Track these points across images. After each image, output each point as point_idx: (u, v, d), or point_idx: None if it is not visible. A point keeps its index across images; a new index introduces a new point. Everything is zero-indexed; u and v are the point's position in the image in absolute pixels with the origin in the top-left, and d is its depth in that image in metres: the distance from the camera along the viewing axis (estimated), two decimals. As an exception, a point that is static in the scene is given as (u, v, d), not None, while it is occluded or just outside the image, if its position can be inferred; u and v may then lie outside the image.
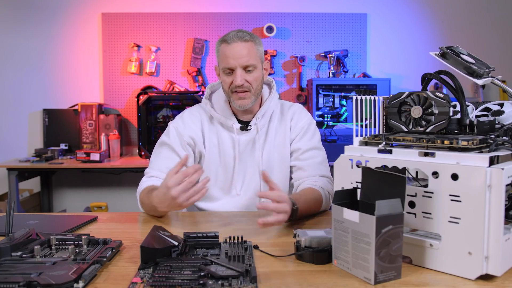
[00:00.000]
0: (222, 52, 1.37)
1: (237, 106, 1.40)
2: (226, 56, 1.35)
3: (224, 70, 1.38)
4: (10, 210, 1.04)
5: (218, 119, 1.45)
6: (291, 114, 1.51)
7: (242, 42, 1.35)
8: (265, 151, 1.47)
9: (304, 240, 0.90)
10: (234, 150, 1.45)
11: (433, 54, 1.00)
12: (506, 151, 0.85)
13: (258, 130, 1.46)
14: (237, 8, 3.53)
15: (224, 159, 1.46)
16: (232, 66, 1.35)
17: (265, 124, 1.48)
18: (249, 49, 1.36)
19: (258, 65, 1.39)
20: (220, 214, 1.37)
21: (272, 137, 1.48)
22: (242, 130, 1.45)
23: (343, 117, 3.33)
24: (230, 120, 1.44)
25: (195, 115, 1.49)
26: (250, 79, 1.37)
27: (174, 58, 3.52)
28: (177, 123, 1.47)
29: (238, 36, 1.35)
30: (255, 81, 1.38)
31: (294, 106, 1.54)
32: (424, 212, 0.84)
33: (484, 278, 0.78)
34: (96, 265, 0.84)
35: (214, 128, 1.47)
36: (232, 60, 1.34)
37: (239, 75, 1.35)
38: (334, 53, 3.44)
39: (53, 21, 3.48)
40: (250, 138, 1.46)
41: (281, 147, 1.48)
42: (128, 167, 3.21)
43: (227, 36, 1.37)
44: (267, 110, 1.48)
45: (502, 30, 3.63)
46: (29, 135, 3.53)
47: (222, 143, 1.45)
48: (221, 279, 0.77)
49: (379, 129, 1.02)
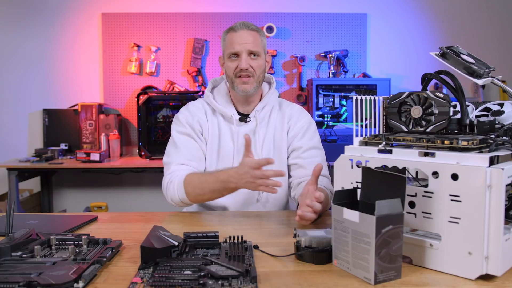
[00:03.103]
0: (229, 39, 1.44)
1: (240, 91, 1.44)
2: (232, 42, 1.43)
3: (229, 56, 1.44)
4: (10, 210, 1.04)
5: (219, 110, 1.49)
6: (290, 113, 1.53)
7: (249, 30, 1.43)
8: (265, 145, 1.49)
9: (304, 240, 0.90)
10: (233, 142, 1.47)
11: (433, 54, 1.00)
12: (506, 151, 0.85)
13: (258, 122, 1.48)
14: (237, 8, 3.52)
15: (223, 150, 1.48)
16: (238, 50, 1.42)
17: (264, 117, 1.51)
18: (255, 37, 1.44)
19: (261, 54, 1.46)
20: (220, 214, 1.37)
21: (271, 132, 1.51)
22: (241, 121, 1.48)
23: (343, 117, 3.33)
24: (230, 111, 1.48)
25: (198, 106, 1.53)
26: (254, 65, 1.43)
27: (174, 58, 3.52)
28: (184, 114, 1.51)
29: (245, 25, 1.44)
30: (259, 67, 1.44)
31: (293, 106, 1.57)
32: (424, 212, 0.84)
33: (484, 278, 0.78)
34: (96, 265, 0.84)
35: (215, 119, 1.50)
36: (238, 45, 1.42)
37: (244, 59, 1.41)
38: (334, 53, 3.44)
39: (53, 21, 3.48)
40: (249, 130, 1.49)
41: (278, 144, 1.51)
42: (128, 167, 3.21)
43: (234, 25, 1.45)
44: (267, 103, 1.51)
45: (502, 30, 3.63)
46: (29, 135, 3.53)
47: (222, 134, 1.49)
48: (221, 279, 0.77)
49: (379, 129, 1.02)
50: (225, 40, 1.46)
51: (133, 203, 3.55)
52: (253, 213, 1.37)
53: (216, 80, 1.58)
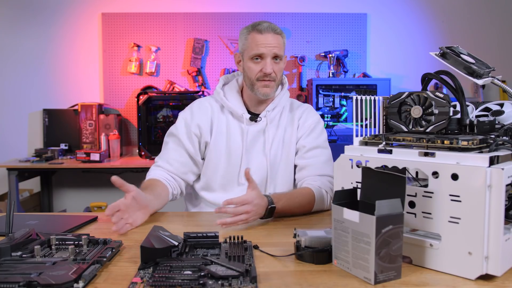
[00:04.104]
0: (253, 40, 1.41)
1: (261, 94, 1.43)
2: (258, 43, 1.40)
3: (253, 57, 1.42)
4: (10, 210, 1.04)
5: (229, 108, 1.49)
6: (300, 113, 1.54)
7: (275, 34, 1.41)
8: (273, 145, 1.49)
9: (304, 240, 0.90)
10: (243, 140, 1.47)
11: (433, 54, 1.00)
12: (506, 151, 0.85)
13: (268, 122, 1.48)
14: (237, 8, 3.52)
15: (231, 148, 1.48)
16: (265, 53, 1.40)
17: (275, 117, 1.51)
18: (279, 41, 1.42)
19: (283, 58, 1.46)
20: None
21: (281, 134, 1.51)
22: (251, 120, 1.48)
23: (343, 117, 3.33)
24: (240, 110, 1.48)
25: (204, 104, 1.52)
26: (277, 69, 1.43)
27: (174, 58, 3.52)
28: (186, 113, 1.51)
29: (272, 28, 1.41)
30: (280, 71, 1.45)
31: (303, 106, 1.58)
32: (424, 212, 0.84)
33: (484, 278, 0.78)
34: (96, 265, 0.84)
35: (223, 117, 1.50)
36: (264, 49, 1.40)
37: (269, 63, 1.40)
38: (334, 53, 3.44)
39: (53, 21, 3.48)
40: (259, 129, 1.49)
41: (287, 145, 1.51)
42: (128, 167, 3.21)
43: (260, 26, 1.41)
44: (278, 104, 1.51)
45: (502, 30, 3.63)
46: (29, 135, 3.53)
47: (230, 133, 1.48)
48: (221, 279, 0.77)
49: (379, 129, 1.02)
50: (248, 40, 1.42)
51: (133, 203, 3.54)
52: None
53: (227, 77, 1.58)
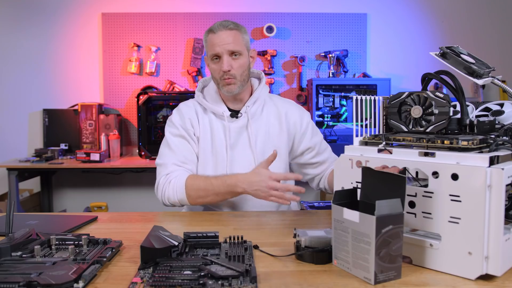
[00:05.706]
0: (209, 41, 1.44)
1: (225, 91, 1.45)
2: (213, 43, 1.42)
3: (211, 58, 1.44)
4: (10, 210, 1.04)
5: (210, 109, 1.51)
6: (286, 108, 1.56)
7: (227, 30, 1.42)
8: (259, 139, 1.50)
9: (304, 240, 0.90)
10: (226, 137, 1.48)
11: (433, 54, 1.00)
12: (506, 151, 0.85)
13: (249, 117, 1.49)
14: (237, 8, 3.52)
15: (216, 146, 1.49)
16: (219, 52, 1.41)
17: (256, 112, 1.52)
18: (234, 36, 1.42)
19: (243, 52, 1.45)
20: (220, 214, 1.37)
21: (265, 127, 1.52)
22: (232, 117, 1.50)
23: (343, 117, 3.33)
24: (220, 108, 1.49)
25: (189, 106, 1.54)
26: (236, 65, 1.43)
27: (174, 58, 3.51)
28: (175, 116, 1.53)
29: (223, 25, 1.43)
30: (241, 67, 1.44)
31: (288, 102, 1.60)
32: (424, 212, 0.84)
33: (484, 278, 0.78)
34: (96, 265, 0.84)
35: (207, 118, 1.52)
36: (218, 47, 1.41)
37: (225, 60, 1.41)
38: (334, 53, 3.44)
39: (53, 21, 3.48)
40: (241, 125, 1.50)
41: (274, 137, 1.52)
42: (128, 167, 3.21)
43: (213, 26, 1.45)
44: (258, 98, 1.52)
45: (502, 30, 3.63)
46: (29, 135, 3.53)
47: (214, 131, 1.50)
48: (221, 279, 0.77)
49: (379, 129, 1.02)
50: (207, 42, 1.46)
51: (133, 203, 3.54)
52: (253, 213, 1.37)
53: (206, 80, 1.60)
